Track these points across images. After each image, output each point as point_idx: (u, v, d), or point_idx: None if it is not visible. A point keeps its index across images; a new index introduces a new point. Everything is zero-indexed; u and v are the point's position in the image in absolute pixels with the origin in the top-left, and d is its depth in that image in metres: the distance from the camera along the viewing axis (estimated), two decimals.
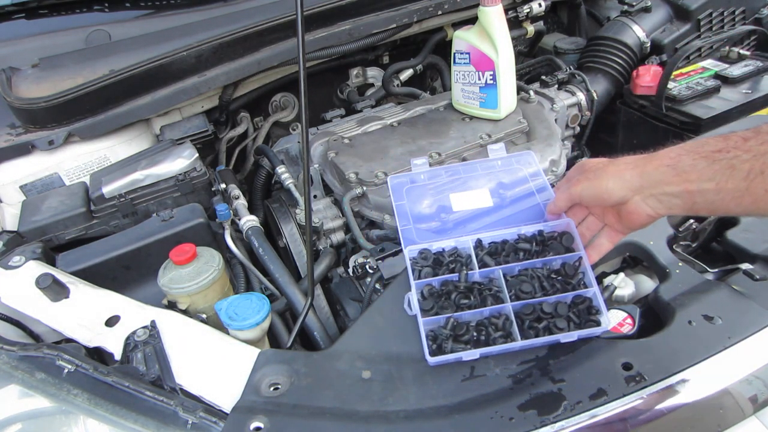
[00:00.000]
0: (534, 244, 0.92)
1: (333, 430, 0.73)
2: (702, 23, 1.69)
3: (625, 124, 1.61)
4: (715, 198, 0.67)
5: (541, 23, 1.78)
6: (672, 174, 0.71)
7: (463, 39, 1.34)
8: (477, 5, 1.28)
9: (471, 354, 0.80)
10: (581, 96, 1.52)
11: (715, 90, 1.46)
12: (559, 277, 0.88)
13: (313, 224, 1.21)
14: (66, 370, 0.79)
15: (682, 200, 0.71)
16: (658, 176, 0.72)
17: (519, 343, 0.80)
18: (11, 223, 1.18)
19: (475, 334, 0.83)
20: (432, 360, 0.79)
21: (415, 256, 0.93)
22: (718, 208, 0.69)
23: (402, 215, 1.02)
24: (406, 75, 1.68)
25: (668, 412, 0.74)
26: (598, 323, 0.82)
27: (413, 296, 0.87)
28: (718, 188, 0.66)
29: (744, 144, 0.65)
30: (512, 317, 0.83)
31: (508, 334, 0.82)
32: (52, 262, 1.04)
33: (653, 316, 0.90)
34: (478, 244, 0.94)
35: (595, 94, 1.52)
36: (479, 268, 0.90)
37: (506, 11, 1.44)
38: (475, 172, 1.11)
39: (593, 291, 0.85)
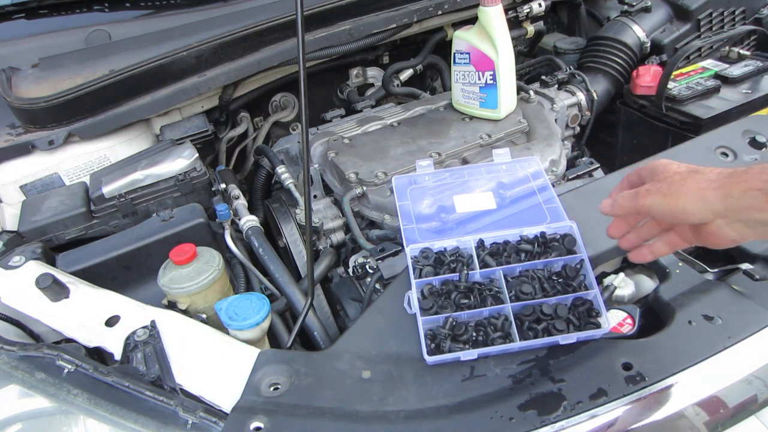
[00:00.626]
0: (536, 245, 0.93)
1: (333, 430, 0.73)
2: (702, 23, 1.69)
3: (625, 124, 1.61)
4: None
5: (541, 23, 1.78)
6: (764, 200, 0.63)
7: (463, 39, 1.34)
8: (477, 5, 1.28)
9: (469, 354, 0.80)
10: (581, 96, 1.52)
11: (715, 90, 1.46)
12: (560, 279, 0.88)
13: (313, 224, 1.21)
14: (66, 370, 0.79)
15: None
16: (748, 201, 0.64)
17: (517, 344, 0.81)
18: (11, 223, 1.18)
19: (473, 334, 0.83)
20: (430, 359, 0.79)
21: (417, 254, 0.94)
22: None
23: (405, 215, 1.02)
24: (406, 75, 1.68)
25: (668, 412, 0.74)
26: (597, 325, 0.82)
27: (413, 295, 0.87)
28: None
29: None
30: (511, 318, 0.83)
31: (506, 335, 0.82)
32: (52, 262, 1.04)
33: (653, 316, 0.90)
34: (480, 244, 0.94)
35: (595, 94, 1.52)
36: (480, 268, 0.90)
37: (506, 11, 1.44)
38: (479, 175, 1.11)
39: (594, 293, 0.85)
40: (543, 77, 1.54)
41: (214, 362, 0.84)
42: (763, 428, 0.77)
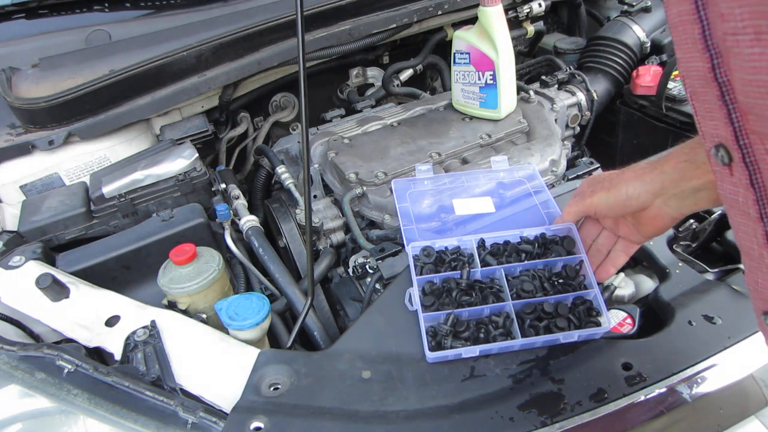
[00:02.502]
0: (536, 246, 0.93)
1: (333, 430, 0.73)
2: None
3: (625, 124, 1.61)
4: None
5: (541, 23, 1.78)
6: (692, 168, 0.68)
7: (463, 39, 1.34)
8: (477, 5, 1.28)
9: (470, 351, 0.80)
10: (581, 96, 1.52)
11: None
12: (560, 279, 0.88)
13: (313, 224, 1.21)
14: (66, 370, 0.79)
15: (707, 192, 0.69)
16: (678, 173, 0.70)
17: (519, 342, 0.80)
18: (11, 223, 1.18)
19: (475, 331, 0.83)
20: (431, 356, 0.79)
21: (418, 252, 0.94)
22: None
23: (404, 215, 1.02)
24: (406, 75, 1.68)
25: (668, 412, 0.74)
26: (598, 324, 0.82)
27: (415, 292, 0.87)
28: None
29: None
30: (513, 315, 0.83)
31: (508, 333, 0.82)
32: (52, 262, 1.04)
33: (653, 316, 0.90)
34: (481, 244, 0.94)
35: (595, 94, 1.52)
36: (481, 267, 0.90)
37: (506, 11, 1.44)
38: (477, 180, 1.12)
39: (594, 293, 0.85)
40: (543, 77, 1.54)
41: (214, 362, 0.84)
42: (763, 428, 0.77)
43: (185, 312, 0.97)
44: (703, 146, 0.67)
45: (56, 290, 0.93)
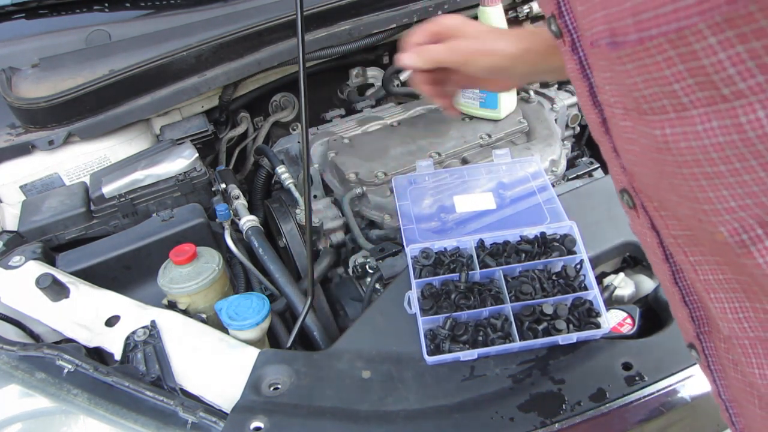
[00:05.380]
0: (536, 245, 0.93)
1: (333, 430, 0.73)
2: None
3: None
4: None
5: (541, 23, 1.78)
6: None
7: None
8: (477, 5, 1.28)
9: (469, 354, 0.80)
10: None
11: None
12: (560, 279, 0.88)
13: (313, 224, 1.21)
14: (66, 370, 0.79)
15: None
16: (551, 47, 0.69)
17: (517, 344, 0.81)
18: (11, 223, 1.18)
19: (473, 334, 0.83)
20: (430, 359, 0.79)
21: (417, 255, 0.94)
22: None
23: (405, 215, 1.02)
24: (406, 75, 1.66)
25: (668, 412, 0.74)
26: (597, 325, 0.82)
27: (413, 295, 0.87)
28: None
29: None
30: (511, 318, 0.83)
31: (506, 335, 0.82)
32: (52, 262, 1.04)
33: (653, 316, 0.90)
34: (480, 244, 0.94)
35: None
36: (480, 268, 0.90)
37: (506, 11, 1.44)
38: (479, 175, 1.11)
39: (594, 294, 0.85)
40: None
41: (214, 362, 0.84)
42: None
43: (185, 312, 0.97)
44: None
45: (56, 290, 0.93)
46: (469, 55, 0.75)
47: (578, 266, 0.88)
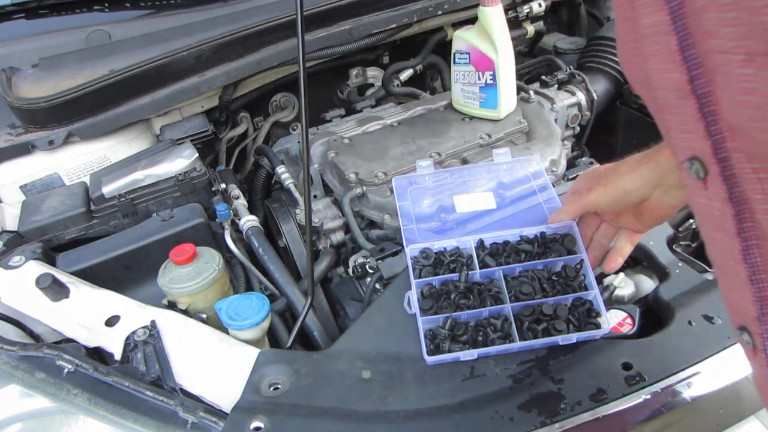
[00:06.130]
0: (536, 245, 0.92)
1: (333, 430, 0.73)
2: None
3: (625, 124, 1.61)
4: None
5: (541, 23, 1.78)
6: None
7: (463, 39, 1.34)
8: (477, 5, 1.28)
9: (468, 354, 0.80)
10: (581, 96, 1.52)
11: None
12: (560, 279, 0.88)
13: (313, 224, 1.21)
14: (66, 370, 0.79)
15: None
16: (674, 163, 0.69)
17: (517, 345, 0.81)
18: (11, 223, 1.18)
19: (473, 334, 0.83)
20: (429, 359, 0.79)
21: (417, 255, 0.94)
22: None
23: (405, 215, 1.02)
24: (406, 75, 1.68)
25: (668, 412, 0.74)
26: (597, 326, 0.82)
27: (413, 295, 0.87)
28: None
29: None
30: (511, 318, 0.83)
31: (506, 335, 0.82)
32: (52, 262, 1.04)
33: (653, 316, 0.90)
34: (480, 244, 0.94)
35: (595, 94, 1.52)
36: (480, 268, 0.90)
37: (506, 11, 1.44)
38: (479, 175, 1.11)
39: (594, 294, 0.85)
40: (543, 77, 1.54)
41: (214, 362, 0.84)
42: (762, 428, 0.77)
43: (185, 312, 0.97)
44: None
45: (56, 290, 0.93)
46: (607, 206, 0.78)
47: (578, 266, 0.88)
